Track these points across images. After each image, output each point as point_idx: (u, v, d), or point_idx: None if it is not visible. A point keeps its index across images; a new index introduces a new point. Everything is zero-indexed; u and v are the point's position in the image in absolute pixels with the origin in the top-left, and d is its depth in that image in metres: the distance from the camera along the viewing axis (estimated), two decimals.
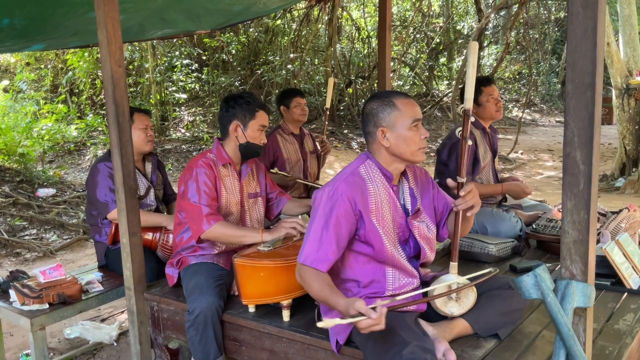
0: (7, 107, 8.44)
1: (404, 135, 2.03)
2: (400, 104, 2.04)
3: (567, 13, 1.47)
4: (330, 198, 2.01)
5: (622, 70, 8.03)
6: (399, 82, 14.29)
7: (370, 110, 2.08)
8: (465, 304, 2.08)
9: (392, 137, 2.04)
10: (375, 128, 2.06)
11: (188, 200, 2.62)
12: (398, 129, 2.03)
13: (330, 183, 2.07)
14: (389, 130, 2.04)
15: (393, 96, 2.07)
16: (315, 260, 1.97)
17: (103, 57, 2.53)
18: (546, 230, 3.17)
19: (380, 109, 2.05)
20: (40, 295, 2.78)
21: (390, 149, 2.06)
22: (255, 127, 2.69)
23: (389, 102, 2.04)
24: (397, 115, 2.03)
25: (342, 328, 2.07)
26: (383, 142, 2.05)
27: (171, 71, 10.66)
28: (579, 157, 1.49)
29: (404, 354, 1.78)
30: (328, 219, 1.98)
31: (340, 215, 1.99)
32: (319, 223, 2.00)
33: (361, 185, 2.05)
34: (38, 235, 6.05)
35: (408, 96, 2.10)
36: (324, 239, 1.98)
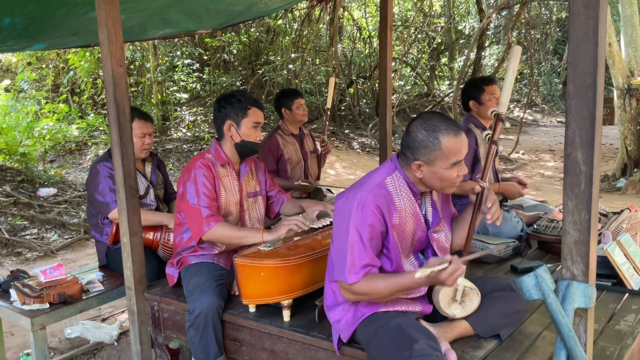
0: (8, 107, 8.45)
1: (440, 174, 1.95)
2: (446, 144, 1.91)
3: (569, 13, 1.47)
4: (360, 211, 1.94)
5: (623, 70, 8.02)
6: (400, 82, 14.29)
7: (413, 138, 1.96)
8: (468, 308, 2.07)
9: (427, 172, 1.96)
10: (412, 156, 1.97)
11: (187, 202, 2.61)
12: (435, 167, 1.94)
13: (355, 192, 1.99)
14: (426, 166, 1.96)
15: (441, 131, 1.91)
16: (362, 272, 1.94)
17: (104, 56, 2.53)
18: (547, 231, 3.16)
19: (423, 144, 1.93)
20: (40, 294, 2.78)
21: (422, 179, 2.00)
22: (248, 124, 2.67)
23: (435, 139, 1.91)
24: (438, 154, 1.92)
25: (346, 326, 2.06)
26: (416, 173, 1.99)
27: (172, 71, 10.66)
28: (580, 158, 1.49)
29: (416, 349, 1.80)
30: (362, 233, 1.93)
31: (374, 228, 1.95)
32: (354, 237, 1.93)
33: (387, 199, 1.99)
34: (39, 235, 6.05)
35: (458, 131, 1.94)
36: (362, 252, 1.94)
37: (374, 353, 1.94)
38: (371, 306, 2.04)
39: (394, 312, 2.02)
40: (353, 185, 2.07)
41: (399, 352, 1.84)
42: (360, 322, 2.03)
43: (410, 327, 1.92)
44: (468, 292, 2.05)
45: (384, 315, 2.01)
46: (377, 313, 2.02)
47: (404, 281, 1.91)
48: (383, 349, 1.91)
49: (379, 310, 2.03)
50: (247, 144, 2.69)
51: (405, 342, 1.85)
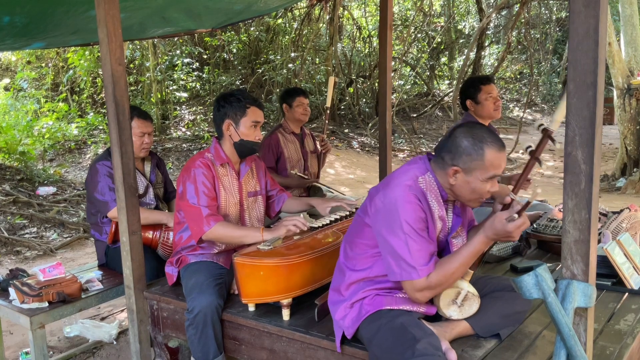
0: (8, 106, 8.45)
1: (474, 185, 1.94)
2: (490, 156, 1.91)
3: (569, 12, 1.47)
4: (406, 206, 1.92)
5: (623, 70, 8.02)
6: (400, 82, 14.29)
7: (457, 144, 1.95)
8: (465, 312, 2.07)
9: (462, 180, 1.95)
10: (450, 162, 1.96)
11: (187, 202, 2.61)
12: (472, 177, 1.93)
13: (392, 190, 1.96)
14: (462, 173, 1.95)
15: (487, 142, 1.92)
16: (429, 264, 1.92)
17: (103, 55, 2.52)
18: (547, 230, 3.16)
19: (466, 150, 1.92)
20: (40, 293, 2.78)
21: (454, 187, 1.99)
22: (247, 124, 2.66)
23: (480, 149, 1.91)
24: (479, 164, 1.91)
25: (351, 322, 2.06)
26: (450, 179, 1.97)
27: (172, 70, 10.66)
28: (580, 157, 1.48)
29: (418, 349, 1.80)
30: (415, 226, 1.91)
31: (422, 218, 1.94)
32: (409, 232, 1.90)
33: (424, 196, 1.98)
34: (38, 234, 6.05)
35: (502, 147, 1.95)
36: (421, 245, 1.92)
37: (376, 351, 1.94)
38: (375, 304, 2.04)
39: (398, 311, 2.02)
40: (384, 185, 2.03)
41: (402, 351, 1.84)
42: (364, 319, 2.03)
43: (413, 326, 1.92)
44: (470, 298, 2.05)
45: (388, 313, 2.01)
46: (381, 311, 2.02)
47: (474, 247, 1.91)
48: (385, 347, 1.91)
49: (383, 308, 2.02)
50: (246, 143, 2.68)
51: (407, 341, 1.86)
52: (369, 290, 2.07)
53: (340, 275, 2.16)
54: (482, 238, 1.91)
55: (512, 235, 1.86)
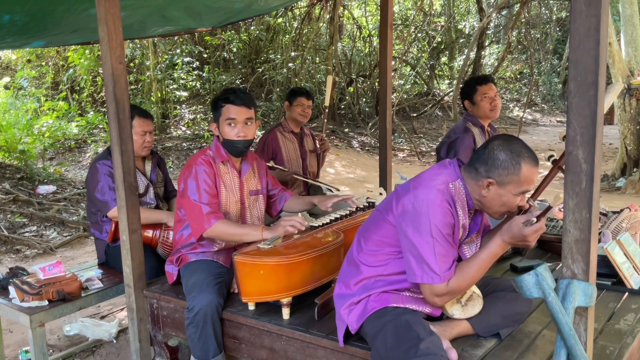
0: (8, 104, 8.45)
1: (505, 199, 1.94)
2: (525, 171, 1.90)
3: (570, 11, 1.46)
4: (436, 209, 1.91)
5: (623, 70, 8.02)
6: (400, 81, 14.29)
7: (494, 157, 1.94)
8: (468, 312, 2.07)
9: (494, 193, 1.95)
10: (485, 174, 1.94)
11: (188, 199, 2.61)
12: (505, 190, 1.93)
13: (424, 191, 1.95)
14: (496, 186, 1.94)
15: (524, 157, 1.91)
16: (453, 268, 1.92)
17: (104, 54, 2.52)
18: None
19: (504, 164, 1.91)
20: (39, 292, 2.77)
21: (484, 199, 1.98)
22: (223, 122, 2.65)
23: (517, 163, 1.90)
24: (514, 179, 1.91)
25: (356, 318, 2.06)
26: (482, 191, 1.97)
27: (172, 69, 10.66)
28: (581, 156, 1.48)
29: (421, 348, 1.80)
30: (443, 231, 1.91)
31: (450, 223, 1.94)
32: (438, 236, 1.90)
33: (452, 203, 1.98)
34: (38, 232, 6.05)
35: (537, 162, 1.95)
36: (448, 249, 1.92)
37: (380, 347, 1.94)
38: (381, 301, 2.04)
39: (403, 309, 2.02)
40: (415, 185, 2.00)
41: (405, 349, 1.84)
42: (369, 316, 2.03)
43: (417, 324, 1.93)
44: (474, 298, 2.06)
45: (394, 310, 2.01)
46: (387, 308, 2.02)
47: (492, 252, 1.92)
48: (389, 345, 1.91)
49: (389, 305, 2.02)
50: (227, 142, 2.68)
51: (411, 340, 1.86)
52: (379, 288, 2.06)
53: (353, 268, 2.13)
54: (499, 242, 1.91)
55: (528, 240, 1.85)
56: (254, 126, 2.71)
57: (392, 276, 2.05)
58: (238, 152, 2.70)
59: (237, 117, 2.63)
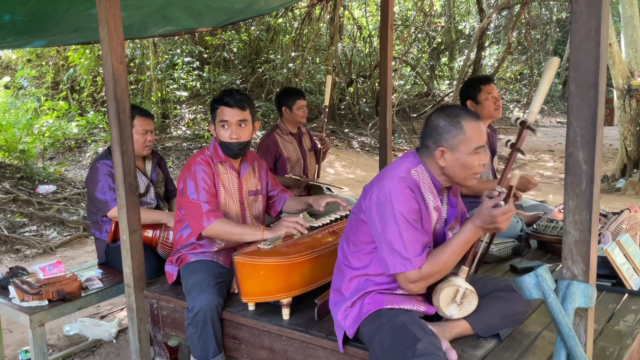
0: (8, 104, 8.44)
1: (463, 160, 1.97)
2: (468, 127, 1.96)
3: (571, 12, 1.47)
4: (400, 198, 1.94)
5: (623, 71, 8.02)
6: (400, 82, 14.29)
7: (435, 126, 2.00)
8: (466, 310, 2.07)
9: (450, 159, 1.98)
10: (434, 145, 2.00)
11: (187, 198, 2.61)
12: (459, 152, 1.96)
13: (385, 183, 1.99)
14: (449, 152, 1.97)
15: (462, 116, 1.98)
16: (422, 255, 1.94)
17: (104, 53, 2.52)
18: (547, 231, 3.16)
19: (446, 129, 1.97)
20: (39, 291, 2.77)
21: (444, 169, 2.01)
22: (218, 124, 2.67)
23: (457, 123, 1.96)
24: (461, 138, 1.95)
25: (352, 322, 2.06)
26: (439, 162, 2.00)
27: (172, 69, 10.65)
28: (581, 157, 1.48)
29: (419, 348, 1.80)
30: (409, 217, 1.93)
31: (416, 209, 1.96)
32: (402, 224, 1.92)
33: (417, 188, 2.00)
34: (38, 232, 6.05)
35: (478, 118, 2.02)
36: (417, 235, 1.94)
37: (377, 349, 1.94)
38: (376, 303, 2.04)
39: (398, 310, 2.02)
40: (377, 179, 2.06)
41: (403, 350, 1.84)
42: (364, 318, 2.03)
43: (414, 325, 1.93)
44: (468, 295, 2.05)
45: (389, 312, 2.01)
46: (381, 310, 2.02)
47: (463, 236, 1.93)
48: (386, 346, 1.91)
49: (383, 307, 2.03)
50: (222, 144, 2.69)
51: (408, 340, 1.86)
52: (370, 289, 2.07)
53: (340, 274, 2.16)
54: (470, 227, 1.93)
55: (498, 222, 1.87)
56: (250, 128, 2.69)
57: (379, 276, 2.06)
58: (232, 154, 2.71)
59: (230, 119, 2.62)
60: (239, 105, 2.63)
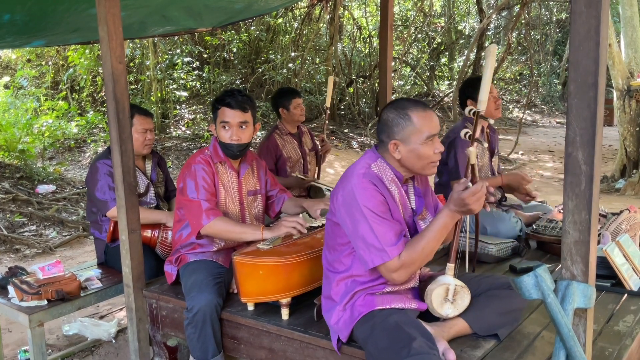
0: (7, 104, 8.44)
1: (416, 151, 1.98)
2: (417, 118, 1.97)
3: (570, 12, 1.47)
4: (364, 193, 1.96)
5: (623, 71, 8.02)
6: (400, 82, 14.29)
7: (385, 120, 2.03)
8: (460, 306, 2.07)
9: (404, 151, 2.00)
10: (388, 139, 2.02)
11: (187, 196, 2.61)
12: (412, 143, 1.98)
13: (347, 182, 2.02)
14: (402, 144, 1.99)
15: (410, 108, 1.99)
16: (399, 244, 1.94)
17: (104, 53, 2.52)
18: (546, 231, 3.16)
19: (395, 121, 2.00)
20: (38, 291, 2.77)
21: (401, 160, 2.03)
22: (219, 125, 2.67)
23: (405, 115, 1.98)
24: (411, 130, 1.97)
25: (344, 326, 2.06)
26: (394, 155, 2.02)
27: (172, 69, 10.65)
28: (580, 157, 1.48)
29: (414, 347, 1.80)
30: (376, 210, 1.95)
31: (382, 201, 1.97)
32: (371, 217, 1.94)
33: (380, 181, 2.03)
34: (37, 232, 6.04)
35: (426, 107, 2.02)
36: (387, 228, 1.95)
37: (372, 351, 1.94)
38: (367, 304, 2.04)
39: (390, 310, 2.02)
40: (341, 180, 2.09)
41: (397, 350, 1.84)
42: (357, 321, 2.03)
43: (407, 324, 1.92)
44: (459, 291, 2.05)
45: (381, 313, 2.01)
46: (373, 311, 2.02)
47: (440, 222, 1.93)
48: (381, 347, 1.90)
49: (375, 308, 2.03)
50: (222, 145, 2.69)
51: (403, 340, 1.85)
52: (358, 290, 2.07)
53: (327, 281, 2.18)
54: (446, 211, 1.94)
55: (469, 203, 1.87)
56: (251, 129, 2.69)
57: (363, 276, 2.07)
58: (232, 155, 2.71)
59: (231, 121, 2.63)
60: (241, 107, 2.63)
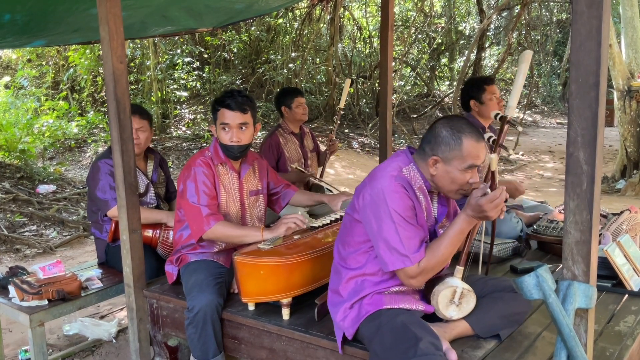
0: (8, 104, 8.44)
1: (453, 174, 1.98)
2: (466, 146, 1.95)
3: (572, 12, 1.46)
4: (393, 195, 1.95)
5: (624, 72, 8.02)
6: (400, 82, 14.29)
7: (436, 134, 2.01)
8: (465, 309, 2.07)
9: (442, 170, 1.99)
10: (431, 152, 2.01)
11: (187, 201, 2.61)
12: (452, 166, 1.97)
13: (377, 182, 2.01)
14: (442, 163, 1.99)
15: (464, 133, 1.97)
16: (421, 249, 1.95)
17: (105, 53, 2.52)
18: (547, 231, 3.16)
19: (445, 140, 1.98)
20: (39, 291, 2.77)
21: (434, 177, 2.03)
22: (219, 126, 2.66)
23: (458, 138, 1.96)
24: (457, 154, 1.96)
25: (351, 323, 2.06)
26: (431, 170, 2.02)
27: (172, 69, 10.65)
28: (582, 157, 1.48)
29: (420, 347, 1.80)
30: (404, 215, 1.95)
31: (410, 206, 1.98)
32: (398, 221, 1.94)
33: (409, 186, 2.02)
34: (38, 232, 6.05)
35: (480, 137, 2.00)
36: (413, 231, 1.95)
37: (377, 350, 1.94)
38: (375, 303, 2.04)
39: (398, 310, 2.02)
40: (369, 179, 2.07)
41: (404, 350, 1.84)
42: (364, 319, 2.03)
43: (414, 324, 1.93)
44: (465, 294, 2.06)
45: (388, 312, 2.01)
46: (381, 310, 2.02)
47: (457, 227, 1.94)
48: (387, 346, 1.90)
49: (383, 307, 2.03)
50: (223, 146, 2.69)
51: (409, 340, 1.85)
52: (367, 290, 2.07)
53: (337, 275, 2.17)
54: (462, 216, 1.95)
55: (486, 210, 1.87)
56: (251, 130, 2.69)
57: (376, 275, 2.07)
58: (233, 156, 2.71)
59: (231, 122, 2.62)
60: (241, 108, 2.62)
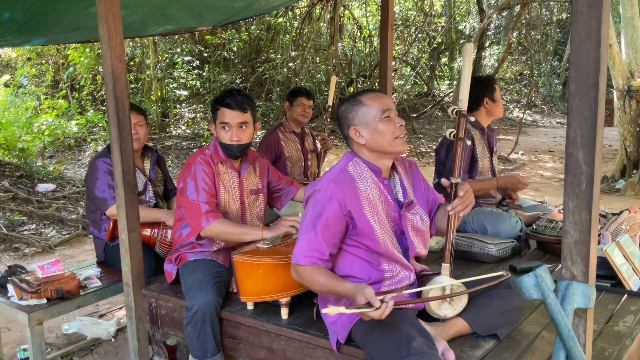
0: (7, 102, 8.44)
1: (377, 129, 2.02)
2: (366, 100, 2.05)
3: (571, 12, 1.46)
4: (319, 200, 2.01)
5: (623, 72, 8.01)
6: (400, 82, 14.28)
7: (341, 114, 2.11)
8: (458, 306, 2.07)
9: (366, 133, 2.04)
10: (348, 129, 2.08)
11: (187, 198, 2.61)
12: (369, 124, 2.03)
13: (320, 182, 2.08)
14: (361, 128, 2.04)
15: (359, 95, 2.09)
16: (310, 257, 1.99)
17: (104, 52, 2.52)
18: (546, 231, 3.16)
19: (348, 110, 2.08)
20: (38, 290, 2.77)
21: (367, 145, 2.06)
22: (219, 125, 2.66)
23: (355, 101, 2.06)
24: (364, 111, 2.04)
25: (342, 327, 2.06)
26: (359, 140, 2.06)
27: (172, 68, 10.65)
28: (581, 157, 1.48)
29: (414, 347, 1.79)
30: (316, 222, 2.00)
31: (328, 218, 2.00)
32: (308, 224, 2.02)
33: (351, 184, 2.05)
34: (37, 231, 6.04)
35: (375, 91, 2.12)
36: (313, 239, 1.99)
37: (371, 351, 1.94)
38: None
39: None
40: (320, 177, 2.14)
41: (397, 350, 1.83)
42: (355, 322, 2.03)
43: (406, 324, 1.92)
44: (456, 290, 2.04)
45: None
46: None
47: (339, 289, 1.94)
48: (381, 347, 1.90)
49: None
50: (222, 145, 2.69)
51: (402, 340, 1.85)
52: None
53: None
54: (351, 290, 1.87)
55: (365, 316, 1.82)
56: (251, 130, 2.69)
57: (362, 278, 2.08)
58: (233, 155, 2.71)
59: (231, 122, 2.62)
60: (240, 107, 2.62)
